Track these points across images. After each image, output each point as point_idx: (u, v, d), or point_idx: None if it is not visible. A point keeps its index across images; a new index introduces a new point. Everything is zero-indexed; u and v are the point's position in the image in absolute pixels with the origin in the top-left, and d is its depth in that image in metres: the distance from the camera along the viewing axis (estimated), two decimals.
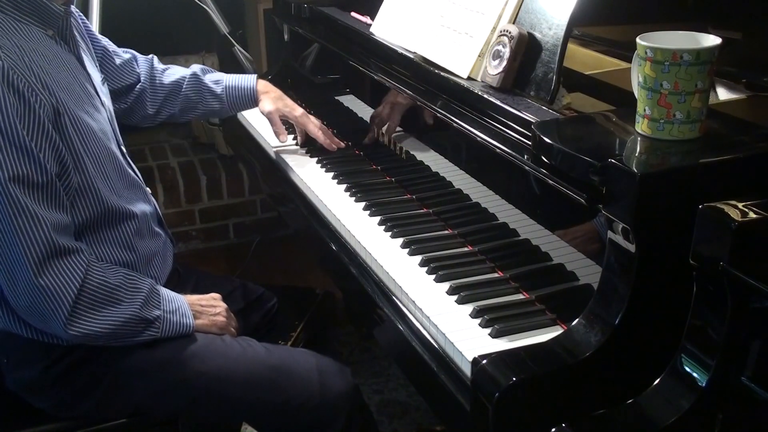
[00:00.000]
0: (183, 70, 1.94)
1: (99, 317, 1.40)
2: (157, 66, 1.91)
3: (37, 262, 1.32)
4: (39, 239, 1.32)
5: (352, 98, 2.17)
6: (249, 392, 1.54)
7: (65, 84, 1.41)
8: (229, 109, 1.97)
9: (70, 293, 1.35)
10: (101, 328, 1.40)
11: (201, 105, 1.93)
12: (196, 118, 2.01)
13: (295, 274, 2.84)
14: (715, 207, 0.94)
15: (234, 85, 1.93)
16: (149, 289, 1.49)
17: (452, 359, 1.21)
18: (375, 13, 1.85)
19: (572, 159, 1.12)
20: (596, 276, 1.14)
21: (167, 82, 1.91)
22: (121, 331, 1.43)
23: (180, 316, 1.53)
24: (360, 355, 2.63)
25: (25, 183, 1.31)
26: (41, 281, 1.33)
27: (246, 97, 1.95)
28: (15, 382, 1.53)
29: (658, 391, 1.01)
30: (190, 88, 1.91)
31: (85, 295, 1.38)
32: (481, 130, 1.39)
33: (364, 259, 1.51)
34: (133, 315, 1.44)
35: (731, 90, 1.38)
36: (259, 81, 1.96)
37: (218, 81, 1.93)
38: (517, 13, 1.44)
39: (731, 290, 0.93)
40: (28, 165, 1.31)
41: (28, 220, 1.31)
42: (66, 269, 1.36)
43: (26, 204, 1.31)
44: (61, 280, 1.35)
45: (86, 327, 1.39)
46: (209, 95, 1.93)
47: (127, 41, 1.94)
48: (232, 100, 1.94)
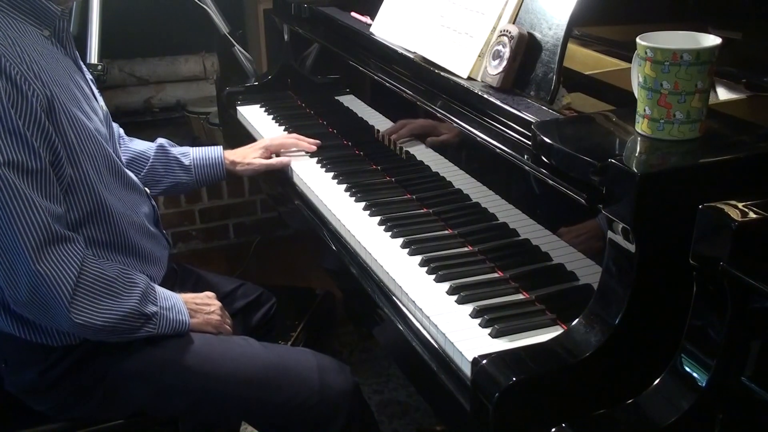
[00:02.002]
0: (147, 143, 1.88)
1: (99, 308, 1.39)
2: (123, 135, 1.85)
3: (35, 248, 1.31)
4: (37, 225, 1.31)
5: (352, 98, 2.16)
6: (249, 391, 1.54)
7: (60, 80, 1.40)
8: (196, 182, 1.91)
9: (69, 280, 1.34)
10: (102, 320, 1.39)
11: (168, 178, 1.87)
12: (160, 193, 1.91)
13: (295, 274, 2.84)
14: (715, 207, 0.94)
15: (201, 155, 1.89)
16: (145, 285, 1.48)
17: (452, 359, 1.21)
18: (375, 13, 1.85)
19: (572, 159, 1.12)
20: (596, 276, 1.14)
21: (133, 147, 1.85)
22: (122, 325, 1.42)
23: (176, 313, 1.52)
24: (360, 355, 2.63)
25: (20, 169, 1.30)
26: (40, 267, 1.31)
27: (214, 168, 1.89)
28: (14, 385, 1.53)
29: (658, 391, 1.01)
30: (157, 159, 1.85)
31: (84, 284, 1.37)
32: (481, 130, 1.39)
33: (364, 259, 1.51)
34: (132, 309, 1.43)
35: (731, 90, 1.38)
36: (225, 151, 1.92)
37: (185, 153, 1.88)
38: (517, 13, 1.44)
39: (731, 290, 0.93)
40: (22, 151, 1.30)
41: (26, 205, 1.30)
42: (64, 256, 1.34)
43: (22, 189, 1.30)
44: (60, 266, 1.33)
45: (88, 317, 1.37)
46: (177, 167, 1.87)
47: (127, 41, 1.94)
48: (200, 171, 1.88)
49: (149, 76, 3.28)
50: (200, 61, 3.34)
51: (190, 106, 3.28)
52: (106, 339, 1.46)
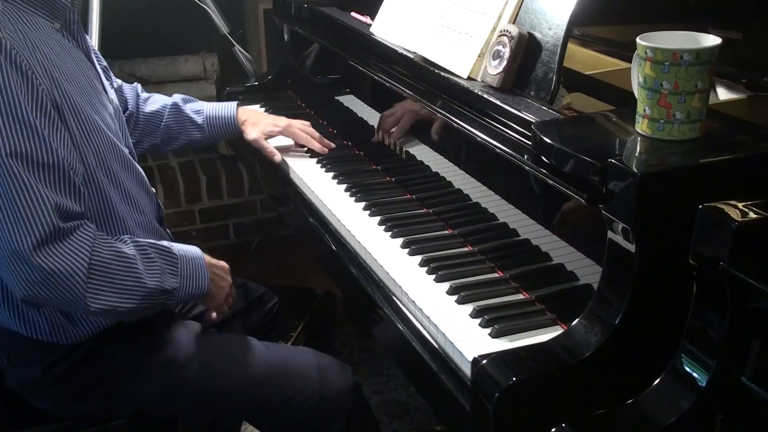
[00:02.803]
0: (164, 98, 1.92)
1: (118, 291, 1.34)
2: (140, 94, 1.90)
3: (38, 244, 1.26)
4: (41, 219, 1.27)
5: (352, 98, 2.16)
6: (250, 391, 1.54)
7: (70, 75, 1.38)
8: (210, 139, 1.96)
9: (79, 270, 1.29)
10: (123, 303, 1.35)
11: (182, 135, 1.92)
12: (178, 148, 1.97)
13: (295, 274, 2.84)
14: (715, 207, 0.94)
15: (214, 114, 1.92)
16: (167, 256, 1.44)
17: (452, 359, 1.21)
18: (375, 13, 1.85)
19: (572, 159, 1.12)
20: (596, 276, 1.14)
21: (148, 111, 1.89)
22: (144, 304, 1.39)
23: (197, 278, 1.48)
24: (360, 355, 2.63)
25: (29, 160, 1.26)
26: (43, 262, 1.27)
27: (227, 126, 1.93)
28: (15, 382, 1.53)
29: (658, 391, 1.01)
30: (170, 118, 1.90)
31: (97, 269, 1.32)
32: (481, 130, 1.39)
33: (364, 259, 1.51)
34: (154, 287, 1.39)
35: (731, 90, 1.38)
36: (239, 109, 1.95)
37: (199, 111, 1.92)
38: (517, 13, 1.44)
39: (731, 290, 0.92)
40: (32, 142, 1.27)
41: (31, 197, 1.26)
42: (70, 248, 1.29)
43: (28, 181, 1.26)
44: (67, 259, 1.29)
45: (107, 302, 1.33)
46: (190, 125, 1.91)
47: (127, 41, 1.94)
48: (213, 129, 1.93)
49: (149, 76, 3.28)
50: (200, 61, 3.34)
51: None
52: (125, 319, 1.43)
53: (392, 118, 1.87)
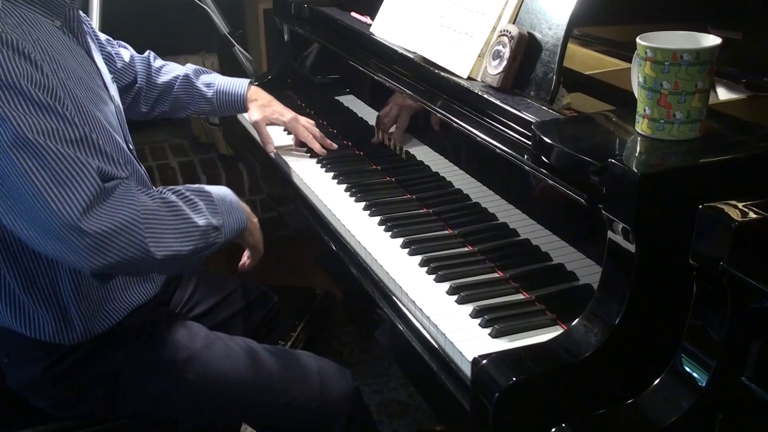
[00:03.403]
0: (178, 69, 1.94)
1: (175, 234, 1.33)
2: (153, 64, 1.92)
3: (84, 210, 1.22)
4: (86, 184, 1.24)
5: (352, 98, 2.16)
6: (249, 394, 1.54)
7: (73, 72, 1.37)
8: (218, 112, 2.00)
9: (135, 220, 1.26)
10: (183, 246, 1.33)
11: (191, 106, 1.96)
12: (187, 116, 2.04)
13: (295, 274, 2.84)
14: (715, 207, 0.94)
15: (224, 90, 1.94)
16: (203, 196, 1.43)
17: (452, 359, 1.21)
18: (375, 13, 1.85)
19: (572, 159, 1.12)
20: (596, 276, 1.14)
21: (160, 82, 1.92)
22: (200, 244, 1.37)
23: (235, 212, 1.48)
24: (360, 355, 2.63)
25: (57, 135, 1.24)
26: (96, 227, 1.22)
27: (235, 103, 1.95)
28: (16, 381, 1.53)
29: (658, 391, 1.01)
30: (181, 89, 1.93)
31: (149, 217, 1.29)
32: (481, 130, 1.39)
33: (364, 259, 1.51)
34: (205, 224, 1.38)
35: (731, 90, 1.38)
36: (251, 87, 1.96)
37: (210, 84, 1.94)
38: (517, 13, 1.44)
39: (731, 290, 0.93)
40: (55, 120, 1.25)
41: (71, 166, 1.24)
42: (118, 203, 1.26)
43: (64, 152, 1.24)
44: (119, 213, 1.26)
45: (169, 247, 1.31)
46: (200, 98, 1.94)
47: (127, 41, 1.95)
48: (221, 104, 1.95)
49: None
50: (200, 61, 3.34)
51: None
52: (187, 265, 1.43)
53: (389, 117, 1.87)
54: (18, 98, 1.23)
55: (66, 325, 1.44)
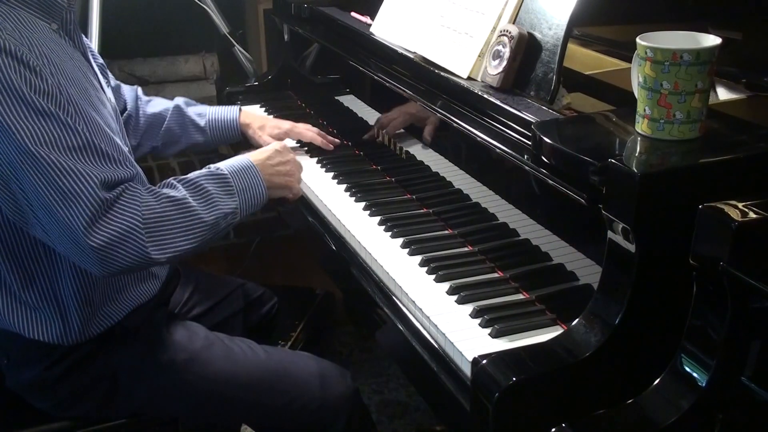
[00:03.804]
0: (166, 102, 1.90)
1: (180, 234, 1.35)
2: (141, 96, 1.88)
3: (89, 224, 1.25)
4: (87, 198, 1.25)
5: (352, 98, 2.16)
6: (249, 395, 1.54)
7: (70, 75, 1.37)
8: (212, 142, 1.93)
9: (136, 229, 1.29)
10: (189, 243, 1.36)
11: (184, 138, 1.90)
12: (179, 151, 1.95)
13: (295, 274, 2.84)
14: (715, 207, 0.94)
15: (217, 117, 1.90)
16: (218, 179, 1.44)
17: (452, 359, 1.21)
18: (375, 13, 1.85)
19: (572, 159, 1.12)
20: (596, 276, 1.14)
21: (150, 112, 1.87)
22: (210, 235, 1.40)
23: (254, 188, 1.48)
24: (360, 355, 2.63)
25: (58, 145, 1.25)
26: (100, 240, 1.26)
27: (229, 129, 1.92)
28: (15, 382, 1.53)
29: (658, 391, 1.01)
30: (173, 120, 1.87)
31: (153, 221, 1.31)
32: (481, 130, 1.39)
33: (364, 259, 1.51)
34: (216, 218, 1.40)
35: (731, 90, 1.38)
36: (242, 112, 1.93)
37: (201, 113, 1.90)
38: (517, 13, 1.44)
39: (731, 290, 0.93)
40: (56, 129, 1.26)
41: (73, 179, 1.25)
42: (120, 213, 1.28)
43: (65, 164, 1.25)
44: (120, 224, 1.28)
45: (173, 248, 1.34)
46: (192, 127, 1.89)
47: (127, 41, 1.94)
48: (215, 133, 1.91)
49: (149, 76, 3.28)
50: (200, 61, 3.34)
51: None
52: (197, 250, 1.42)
53: (387, 118, 1.87)
54: (19, 106, 1.24)
55: (65, 326, 1.44)
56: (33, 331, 1.45)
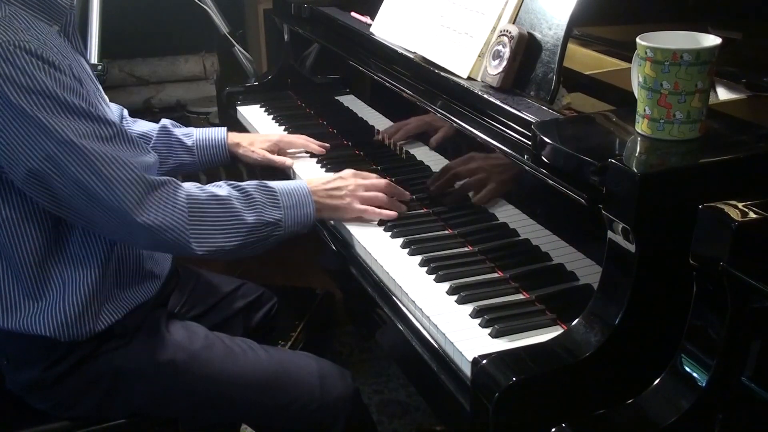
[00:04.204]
0: (151, 124, 1.87)
1: (221, 233, 1.40)
2: (126, 117, 1.84)
3: (137, 203, 1.32)
4: (133, 181, 1.32)
5: (352, 98, 2.16)
6: (249, 395, 1.54)
7: (78, 73, 1.38)
8: (199, 163, 1.90)
9: (179, 220, 1.36)
10: (228, 242, 1.41)
11: (171, 158, 1.86)
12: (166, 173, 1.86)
13: (295, 274, 2.84)
14: (715, 207, 0.94)
15: (204, 137, 1.87)
16: (265, 190, 1.48)
17: (452, 359, 1.21)
18: (375, 13, 1.85)
19: (572, 159, 1.12)
20: (596, 276, 1.14)
21: (136, 131, 1.83)
22: (250, 239, 1.43)
23: (301, 206, 1.50)
24: (360, 355, 2.63)
25: (97, 136, 1.31)
26: (147, 219, 1.33)
27: (217, 148, 1.88)
28: (15, 383, 1.53)
29: (658, 391, 1.01)
30: (159, 140, 1.84)
31: (196, 216, 1.38)
32: (481, 130, 1.39)
33: (363, 259, 1.51)
34: (256, 221, 1.43)
35: (731, 90, 1.38)
36: (229, 134, 1.90)
37: (188, 134, 1.87)
38: (517, 13, 1.44)
39: (731, 290, 0.93)
40: (91, 122, 1.31)
41: (117, 166, 1.31)
42: (165, 198, 1.36)
43: (107, 152, 1.31)
44: (167, 209, 1.35)
45: (214, 243, 1.40)
46: (179, 147, 1.86)
47: (127, 41, 1.94)
48: (202, 152, 1.87)
49: (149, 76, 3.28)
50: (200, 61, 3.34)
51: (190, 106, 3.28)
52: (240, 255, 1.46)
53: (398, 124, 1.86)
54: (53, 104, 1.28)
55: (65, 325, 1.44)
56: (32, 329, 1.44)
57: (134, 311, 1.52)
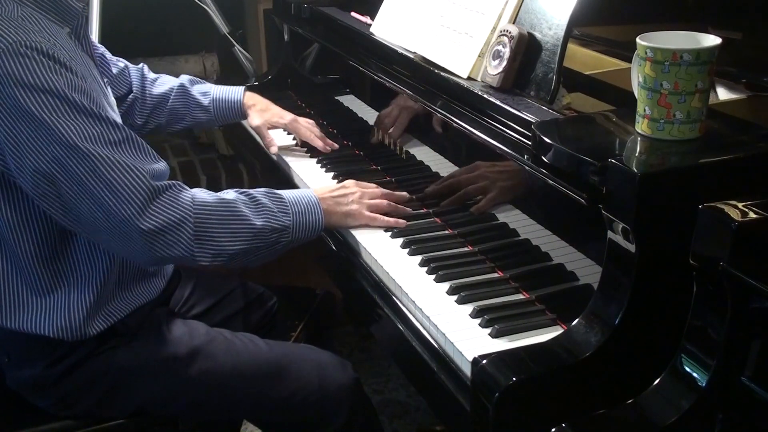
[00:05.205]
0: (172, 80, 1.92)
1: (226, 238, 1.37)
2: (147, 75, 1.90)
3: (141, 210, 1.30)
4: (138, 187, 1.30)
5: (352, 98, 2.16)
6: (251, 388, 1.55)
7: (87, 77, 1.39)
8: (216, 121, 1.96)
9: (185, 220, 1.33)
10: (233, 245, 1.38)
11: (188, 117, 1.92)
12: (183, 129, 1.99)
13: (295, 274, 2.84)
14: (715, 207, 0.94)
15: (221, 98, 1.92)
16: (273, 196, 1.46)
17: (452, 359, 1.21)
18: (375, 13, 1.85)
19: (572, 159, 1.12)
20: (596, 276, 1.14)
21: (156, 93, 1.89)
22: (254, 245, 1.41)
23: (310, 214, 1.48)
24: (360, 355, 2.63)
25: (104, 141, 1.30)
26: (151, 224, 1.31)
27: (233, 110, 1.93)
28: (16, 381, 1.53)
29: (658, 391, 1.01)
30: (177, 99, 1.90)
31: (201, 222, 1.35)
32: (481, 130, 1.39)
33: (364, 259, 1.51)
34: (262, 227, 1.41)
35: (731, 90, 1.38)
36: (246, 93, 1.95)
37: (206, 93, 1.92)
38: (517, 13, 1.44)
39: (731, 290, 0.93)
40: (99, 126, 1.30)
41: (123, 171, 1.30)
42: (170, 201, 1.34)
43: (114, 158, 1.30)
44: (171, 211, 1.33)
45: (217, 246, 1.37)
46: (196, 107, 1.91)
47: (127, 41, 1.94)
48: (218, 112, 1.92)
49: None
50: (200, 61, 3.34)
51: None
52: (246, 262, 1.43)
53: (389, 117, 1.87)
54: (61, 104, 1.27)
55: (69, 325, 1.44)
56: (34, 328, 1.44)
57: (136, 310, 1.52)
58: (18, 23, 1.28)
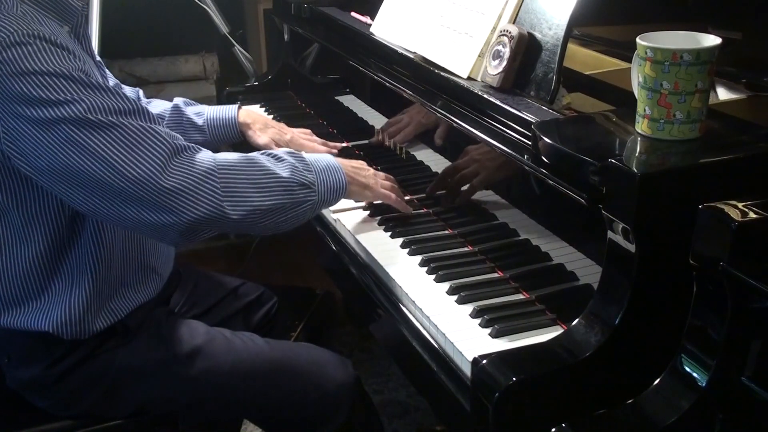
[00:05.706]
0: (165, 103, 1.89)
1: (253, 187, 1.35)
2: (142, 98, 1.87)
3: (163, 167, 1.28)
4: (160, 146, 1.28)
5: (352, 98, 2.17)
6: (251, 387, 1.55)
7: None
8: (211, 141, 1.90)
9: (211, 178, 1.31)
10: (264, 200, 1.35)
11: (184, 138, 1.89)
12: None
13: (295, 274, 2.84)
14: (715, 207, 0.95)
15: (214, 117, 1.88)
16: (294, 155, 1.44)
17: (452, 359, 1.21)
18: (375, 13, 1.85)
19: (572, 159, 1.12)
20: (596, 276, 1.14)
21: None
22: (286, 199, 1.38)
23: (333, 172, 1.46)
24: (360, 355, 2.63)
25: (123, 111, 1.29)
26: (175, 182, 1.28)
27: (227, 128, 1.89)
28: (16, 381, 1.53)
29: (658, 391, 1.01)
30: (171, 120, 1.86)
31: (228, 172, 1.33)
32: (481, 130, 1.39)
33: (363, 259, 1.51)
34: (289, 178, 1.38)
35: (731, 90, 1.38)
36: (241, 111, 1.91)
37: (199, 113, 1.88)
38: (517, 13, 1.44)
39: (731, 290, 0.93)
40: (115, 99, 1.29)
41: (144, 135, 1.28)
42: (192, 159, 1.31)
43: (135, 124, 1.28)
44: (195, 168, 1.30)
45: (249, 202, 1.33)
46: (191, 128, 1.87)
47: (127, 41, 1.94)
48: (213, 131, 1.88)
49: (149, 76, 3.28)
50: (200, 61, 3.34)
51: None
52: (277, 223, 1.40)
53: (397, 125, 1.86)
54: (68, 83, 1.26)
55: (68, 322, 1.44)
56: (36, 323, 1.44)
57: (136, 310, 1.52)
58: (18, 17, 1.28)
